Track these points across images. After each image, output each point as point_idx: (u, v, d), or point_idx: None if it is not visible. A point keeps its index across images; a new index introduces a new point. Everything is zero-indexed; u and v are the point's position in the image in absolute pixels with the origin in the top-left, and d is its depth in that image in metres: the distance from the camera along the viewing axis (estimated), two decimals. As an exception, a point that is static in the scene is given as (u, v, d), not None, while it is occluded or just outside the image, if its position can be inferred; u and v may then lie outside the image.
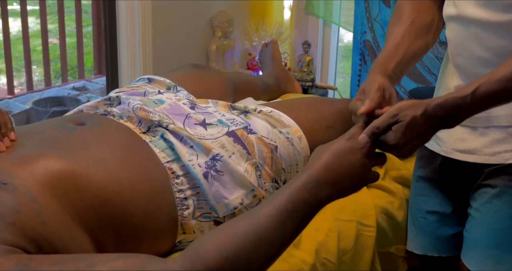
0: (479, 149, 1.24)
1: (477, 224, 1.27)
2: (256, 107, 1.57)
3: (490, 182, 1.24)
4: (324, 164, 1.02)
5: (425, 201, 1.41)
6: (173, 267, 0.93)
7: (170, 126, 1.38)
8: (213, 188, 1.32)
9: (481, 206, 1.26)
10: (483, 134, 1.23)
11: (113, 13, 2.45)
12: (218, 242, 0.95)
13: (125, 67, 2.51)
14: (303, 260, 1.36)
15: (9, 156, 1.14)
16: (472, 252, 1.27)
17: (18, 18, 4.23)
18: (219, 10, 2.83)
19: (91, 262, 0.94)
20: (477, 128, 1.24)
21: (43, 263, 0.94)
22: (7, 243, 0.97)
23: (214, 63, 2.82)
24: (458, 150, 1.28)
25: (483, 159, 1.24)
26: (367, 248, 1.55)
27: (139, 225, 1.21)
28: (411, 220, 1.46)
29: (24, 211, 1.03)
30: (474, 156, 1.25)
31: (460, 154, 1.28)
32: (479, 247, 1.26)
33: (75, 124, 1.33)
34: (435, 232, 1.40)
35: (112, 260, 0.95)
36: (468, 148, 1.25)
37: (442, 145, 1.31)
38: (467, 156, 1.26)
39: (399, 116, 1.01)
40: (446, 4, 1.25)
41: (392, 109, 1.03)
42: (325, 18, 2.99)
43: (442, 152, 1.32)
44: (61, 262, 0.94)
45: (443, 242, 1.40)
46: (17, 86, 4.24)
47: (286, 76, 2.36)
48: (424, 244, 1.43)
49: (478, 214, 1.26)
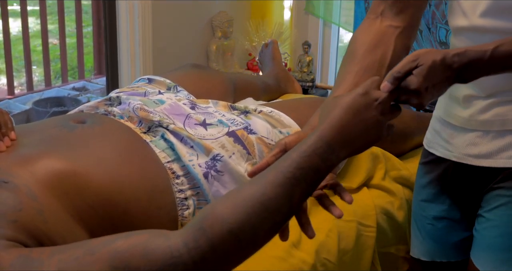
0: (495, 153, 1.21)
1: (490, 227, 1.25)
2: (256, 107, 1.57)
3: (505, 185, 1.22)
4: (336, 123, 0.94)
5: (432, 207, 1.38)
6: (176, 246, 0.90)
7: (170, 127, 1.38)
8: (213, 188, 1.32)
9: (496, 208, 1.23)
10: (497, 138, 1.20)
11: (113, 14, 2.45)
12: (222, 215, 0.91)
13: (125, 68, 2.51)
14: (303, 260, 1.36)
15: (10, 156, 1.14)
16: (484, 253, 1.25)
17: (18, 19, 4.23)
18: (219, 10, 2.83)
19: (89, 247, 0.93)
20: (489, 133, 1.21)
21: (43, 254, 0.94)
22: (8, 239, 0.97)
23: (214, 64, 2.82)
24: (471, 155, 1.24)
25: (499, 162, 1.21)
26: (367, 248, 1.55)
27: (140, 224, 1.21)
28: (416, 226, 1.43)
29: (26, 209, 1.03)
30: (490, 160, 1.22)
31: (473, 159, 1.24)
32: (493, 250, 1.24)
33: (76, 122, 1.33)
34: (443, 238, 1.38)
35: (111, 242, 0.92)
36: (482, 152, 1.22)
37: (452, 150, 1.28)
38: (481, 161, 1.23)
39: (419, 61, 0.96)
40: (453, 15, 1.21)
41: (410, 56, 0.98)
42: (325, 18, 2.99)
43: (454, 157, 1.28)
44: (60, 251, 0.94)
45: (452, 247, 1.38)
46: (17, 87, 4.24)
47: (286, 77, 2.36)
48: (432, 250, 1.40)
49: (492, 216, 1.24)
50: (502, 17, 1.11)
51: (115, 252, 0.91)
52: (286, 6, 3.11)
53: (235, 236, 0.90)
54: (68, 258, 0.92)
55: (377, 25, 1.22)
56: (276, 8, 3.06)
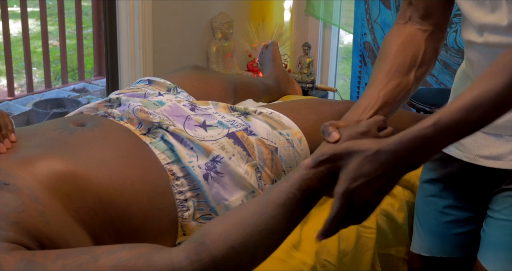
0: (505, 155, 1.22)
1: (498, 227, 1.26)
2: (256, 109, 1.57)
3: None
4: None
5: (436, 202, 1.40)
6: (178, 258, 0.93)
7: (170, 128, 1.38)
8: (213, 190, 1.32)
9: (505, 209, 1.25)
10: (509, 141, 1.21)
11: (113, 15, 2.46)
12: (224, 232, 0.95)
13: (125, 69, 2.51)
14: (303, 261, 1.36)
15: (10, 157, 1.14)
16: (492, 254, 1.26)
17: (18, 20, 4.24)
18: (219, 12, 2.83)
19: (94, 255, 0.94)
20: (502, 136, 1.22)
21: (46, 258, 0.94)
22: (11, 241, 0.97)
23: (214, 65, 2.82)
24: (483, 156, 1.26)
25: (508, 164, 1.22)
26: (367, 249, 1.55)
27: (140, 226, 1.21)
28: (419, 222, 1.45)
29: (28, 211, 1.03)
30: (500, 161, 1.23)
31: (484, 160, 1.25)
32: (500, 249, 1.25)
33: (75, 125, 1.33)
34: (445, 233, 1.39)
35: (115, 251, 0.94)
36: (493, 154, 1.24)
37: (464, 151, 1.29)
38: (492, 162, 1.24)
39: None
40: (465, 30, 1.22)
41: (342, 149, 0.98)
42: (325, 19, 3.00)
43: (465, 157, 1.29)
44: (64, 256, 0.94)
45: (452, 243, 1.40)
46: (17, 88, 4.24)
47: (286, 78, 2.37)
48: (432, 245, 1.42)
49: (500, 216, 1.25)
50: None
51: (118, 261, 0.92)
52: (286, 8, 3.11)
53: (236, 252, 0.93)
54: (72, 264, 0.92)
55: (407, 29, 1.24)
56: (276, 9, 3.07)
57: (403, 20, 1.26)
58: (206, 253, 0.93)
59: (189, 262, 0.92)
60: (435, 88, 2.71)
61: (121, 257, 0.93)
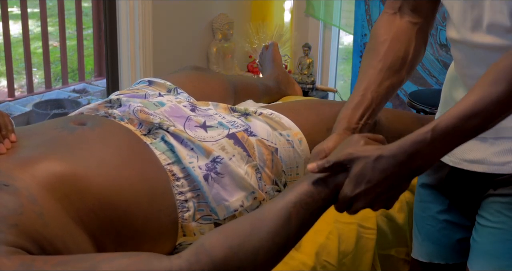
0: (488, 159, 1.21)
1: (486, 234, 1.24)
2: (256, 109, 1.57)
3: (500, 192, 1.21)
4: None
5: (430, 207, 1.39)
6: (177, 261, 0.94)
7: (170, 129, 1.38)
8: (214, 190, 1.32)
9: (491, 215, 1.23)
10: (493, 144, 1.20)
11: (114, 16, 2.46)
12: (223, 235, 0.97)
13: (125, 70, 2.51)
14: (303, 262, 1.36)
15: (10, 158, 1.14)
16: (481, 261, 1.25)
17: (18, 21, 4.23)
18: (220, 13, 2.83)
19: (94, 262, 0.94)
20: (486, 139, 1.21)
21: (46, 264, 0.94)
22: (10, 244, 0.97)
23: (215, 66, 2.82)
24: (467, 160, 1.24)
25: (492, 168, 1.20)
26: (367, 250, 1.55)
27: (140, 227, 1.21)
28: (417, 227, 1.44)
29: (26, 212, 1.03)
30: (483, 165, 1.22)
31: (468, 164, 1.24)
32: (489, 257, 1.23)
33: (76, 124, 1.33)
34: (441, 239, 1.38)
35: (116, 258, 0.95)
36: (477, 157, 1.22)
37: (450, 155, 1.28)
38: (475, 166, 1.23)
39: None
40: (448, 27, 1.21)
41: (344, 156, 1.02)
42: (326, 20, 3.00)
43: (451, 162, 1.29)
44: (64, 262, 0.94)
45: (450, 249, 1.38)
46: (17, 89, 4.24)
47: (286, 79, 2.37)
48: (429, 251, 1.41)
49: (487, 223, 1.24)
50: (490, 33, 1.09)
51: (119, 267, 0.93)
52: (286, 8, 3.11)
53: (235, 253, 0.95)
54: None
55: (397, 21, 1.23)
56: (277, 10, 3.07)
57: (392, 9, 1.25)
58: (204, 254, 0.94)
59: (188, 264, 0.94)
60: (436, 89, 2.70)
61: (122, 263, 0.94)
